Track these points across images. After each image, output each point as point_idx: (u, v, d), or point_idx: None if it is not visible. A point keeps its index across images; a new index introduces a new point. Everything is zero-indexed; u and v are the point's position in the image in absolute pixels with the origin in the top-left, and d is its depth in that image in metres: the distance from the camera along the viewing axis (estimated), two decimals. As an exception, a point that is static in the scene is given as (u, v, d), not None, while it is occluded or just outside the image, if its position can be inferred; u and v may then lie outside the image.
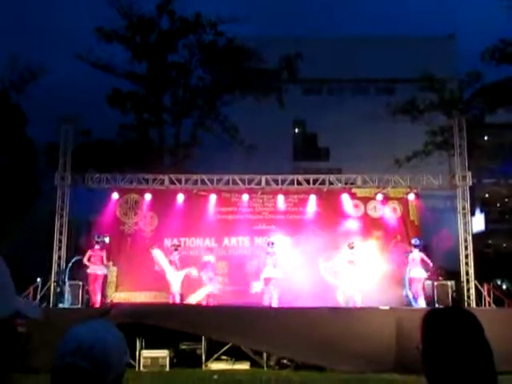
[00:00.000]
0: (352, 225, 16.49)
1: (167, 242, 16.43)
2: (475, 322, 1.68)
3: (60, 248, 15.77)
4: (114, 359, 1.52)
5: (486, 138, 25.43)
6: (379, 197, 16.70)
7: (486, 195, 27.07)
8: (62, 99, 21.57)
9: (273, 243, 14.85)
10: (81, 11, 24.98)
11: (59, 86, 23.17)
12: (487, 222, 26.72)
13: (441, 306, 13.74)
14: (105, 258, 14.81)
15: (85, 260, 14.60)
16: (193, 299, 15.27)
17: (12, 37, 22.55)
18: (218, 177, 16.44)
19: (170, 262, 15.18)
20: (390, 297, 14.66)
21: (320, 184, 16.46)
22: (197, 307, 14.39)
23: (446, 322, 1.67)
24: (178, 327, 12.72)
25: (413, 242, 15.05)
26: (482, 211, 26.92)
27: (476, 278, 15.55)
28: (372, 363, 11.75)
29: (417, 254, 14.67)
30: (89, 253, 14.63)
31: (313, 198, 16.66)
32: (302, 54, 25.67)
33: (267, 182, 16.41)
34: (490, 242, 26.15)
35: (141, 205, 16.75)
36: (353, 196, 16.85)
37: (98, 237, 14.95)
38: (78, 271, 15.23)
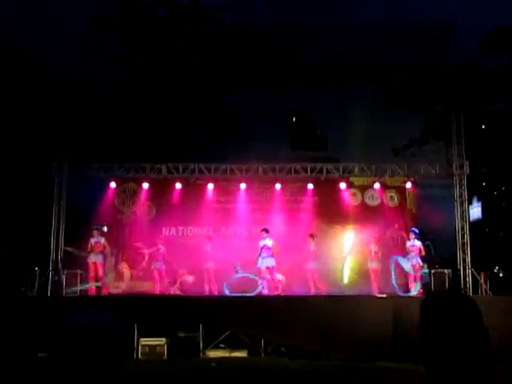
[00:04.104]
0: (349, 213, 16.58)
1: (165, 232, 16.46)
2: (473, 306, 1.68)
3: (58, 237, 15.78)
4: (109, 345, 1.54)
5: (483, 126, 25.40)
6: (376, 185, 16.73)
7: (484, 184, 27.09)
8: (57, 88, 21.45)
9: (267, 230, 14.85)
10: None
11: (55, 74, 23.05)
12: (484, 210, 26.78)
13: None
14: (103, 247, 14.81)
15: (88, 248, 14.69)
16: None
17: (6, 27, 22.37)
18: (216, 165, 16.43)
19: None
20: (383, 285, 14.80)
21: (318, 173, 16.46)
22: (195, 296, 14.44)
23: (444, 307, 1.66)
24: (176, 316, 12.79)
25: (411, 230, 15.08)
26: (479, 200, 26.97)
27: (473, 266, 15.62)
28: (369, 351, 11.83)
29: (416, 243, 14.69)
30: (91, 241, 14.65)
31: (310, 187, 16.68)
32: (301, 43, 25.58)
33: (265, 171, 16.40)
34: (487, 230, 26.21)
35: (139, 194, 16.75)
36: (350, 185, 16.87)
37: (97, 226, 14.97)
38: (76, 260, 15.26)
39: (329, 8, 26.87)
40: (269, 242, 14.63)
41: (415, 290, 14.38)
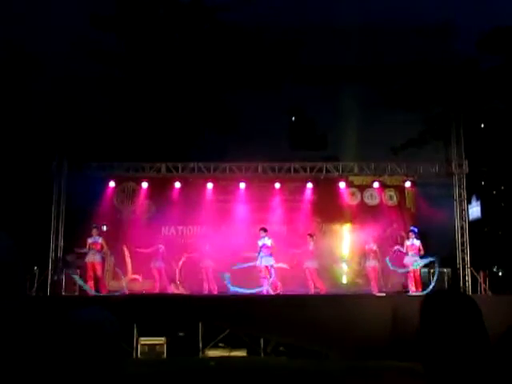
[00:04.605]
0: (348, 212, 16.61)
1: (165, 231, 16.47)
2: (473, 305, 1.68)
3: (57, 237, 15.78)
4: (108, 344, 1.54)
5: (482, 125, 25.41)
6: (376, 184, 16.74)
7: (483, 183, 27.10)
8: (56, 87, 21.44)
9: (266, 230, 14.85)
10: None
11: (53, 73, 23.03)
12: (483, 209, 26.76)
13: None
14: (101, 246, 14.77)
15: (85, 249, 14.63)
16: None
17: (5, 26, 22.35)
18: (215, 165, 16.43)
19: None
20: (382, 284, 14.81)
21: (317, 172, 16.47)
22: (194, 295, 14.45)
23: (444, 305, 1.67)
24: (176, 315, 12.80)
25: (411, 230, 15.05)
26: (478, 199, 26.96)
27: (472, 265, 15.63)
28: (368, 349, 11.83)
29: (415, 242, 14.67)
30: (88, 240, 14.63)
31: (309, 186, 16.69)
32: (301, 42, 25.61)
33: (264, 170, 16.41)
34: (486, 229, 26.21)
35: (138, 193, 16.75)
36: (350, 184, 16.89)
37: (96, 225, 14.96)
38: (76, 259, 15.25)
39: (328, 7, 26.86)
40: (267, 241, 14.63)
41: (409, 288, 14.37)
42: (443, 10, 25.81)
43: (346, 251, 16.38)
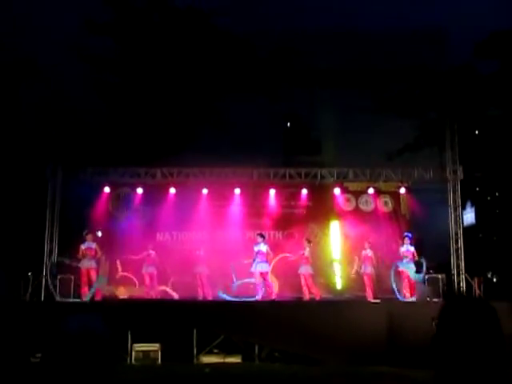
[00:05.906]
0: (343, 218, 16.63)
1: (159, 237, 16.44)
2: (493, 312, 1.64)
3: (51, 242, 15.72)
4: (99, 351, 1.54)
5: (476, 131, 25.50)
6: (370, 190, 16.75)
7: (477, 189, 27.17)
8: (51, 92, 21.40)
9: (262, 235, 14.85)
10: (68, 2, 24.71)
11: (48, 78, 22.98)
12: (478, 215, 26.83)
13: (434, 300, 13.83)
14: (95, 252, 14.69)
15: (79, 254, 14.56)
16: None
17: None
18: (210, 170, 16.42)
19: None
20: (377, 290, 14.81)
21: (312, 178, 16.48)
22: (188, 301, 14.41)
23: (464, 312, 1.63)
24: (169, 321, 12.77)
25: (405, 235, 15.05)
26: (472, 205, 27.03)
27: (466, 271, 15.65)
28: (363, 355, 11.82)
29: (409, 248, 14.67)
30: (81, 247, 14.55)
31: (304, 192, 16.70)
32: (295, 47, 25.67)
33: (259, 176, 16.41)
34: (480, 235, 26.27)
35: (133, 199, 16.72)
36: (344, 190, 16.90)
37: (88, 231, 14.88)
38: (70, 265, 15.18)
39: (323, 13, 26.94)
40: (263, 247, 14.60)
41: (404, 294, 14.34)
42: (438, 16, 25.92)
43: (341, 257, 16.37)
